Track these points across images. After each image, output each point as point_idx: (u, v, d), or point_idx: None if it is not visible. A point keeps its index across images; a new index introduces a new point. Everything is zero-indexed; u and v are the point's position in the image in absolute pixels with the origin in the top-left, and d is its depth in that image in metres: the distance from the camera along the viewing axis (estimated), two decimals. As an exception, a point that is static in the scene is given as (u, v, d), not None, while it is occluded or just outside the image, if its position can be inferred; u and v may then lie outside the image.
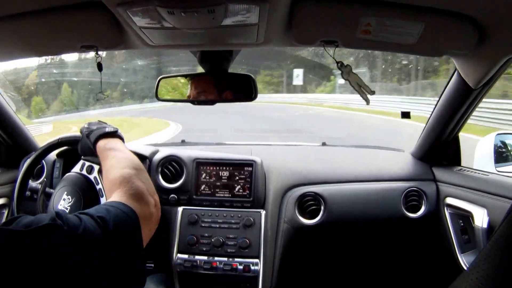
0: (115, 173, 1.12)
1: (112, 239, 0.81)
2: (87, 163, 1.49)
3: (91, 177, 1.47)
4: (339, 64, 1.36)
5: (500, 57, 1.37)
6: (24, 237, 0.69)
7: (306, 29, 1.26)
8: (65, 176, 1.54)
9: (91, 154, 1.40)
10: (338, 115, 16.39)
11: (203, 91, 1.60)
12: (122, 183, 1.06)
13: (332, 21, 1.22)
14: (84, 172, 1.49)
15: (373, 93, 1.38)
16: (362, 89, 1.37)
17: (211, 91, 1.60)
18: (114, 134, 1.38)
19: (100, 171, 1.45)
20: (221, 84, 1.60)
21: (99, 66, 1.46)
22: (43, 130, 11.48)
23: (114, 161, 1.21)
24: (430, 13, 1.16)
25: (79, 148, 1.47)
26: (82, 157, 1.49)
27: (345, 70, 1.36)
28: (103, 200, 1.45)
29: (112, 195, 1.02)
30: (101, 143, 1.33)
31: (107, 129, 1.38)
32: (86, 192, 1.45)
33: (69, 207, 1.44)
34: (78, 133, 1.53)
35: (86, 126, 1.45)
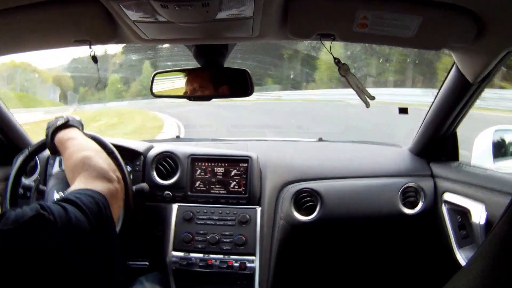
0: (74, 159, 1.11)
1: (95, 228, 0.80)
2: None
3: None
4: (336, 60, 1.35)
5: (499, 50, 1.36)
6: (14, 236, 0.68)
7: (302, 22, 1.25)
8: (56, 173, 1.52)
9: (56, 151, 1.38)
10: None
11: (198, 86, 1.58)
12: (84, 166, 1.05)
13: (328, 14, 1.21)
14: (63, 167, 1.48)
15: (373, 98, 1.37)
16: (362, 91, 1.36)
17: (206, 86, 1.58)
18: (67, 125, 1.36)
19: None
20: (217, 79, 1.57)
21: (94, 59, 1.44)
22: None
23: (72, 148, 1.20)
24: (428, 6, 1.14)
25: (48, 149, 1.45)
26: (51, 154, 1.49)
27: (343, 67, 1.35)
28: None
29: (75, 181, 1.00)
30: (58, 137, 1.32)
31: (59, 122, 1.36)
32: None
33: None
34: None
35: (46, 126, 1.43)
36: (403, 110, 1.95)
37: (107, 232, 0.86)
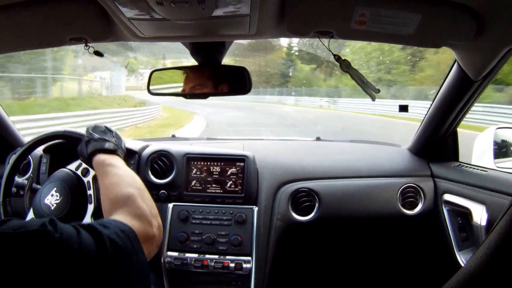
0: (117, 192, 1.08)
1: (110, 259, 0.76)
2: (84, 165, 1.47)
3: (85, 180, 1.46)
4: (336, 57, 1.35)
5: (500, 48, 1.35)
6: (10, 240, 0.66)
7: (299, 19, 1.25)
8: (57, 171, 1.51)
9: (85, 161, 1.37)
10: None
11: (196, 84, 1.56)
12: (127, 203, 1.03)
13: (325, 11, 1.21)
14: (79, 172, 1.47)
15: (378, 91, 1.37)
16: (367, 85, 1.35)
17: (205, 84, 1.56)
18: (113, 152, 1.33)
19: (95, 178, 1.44)
20: (214, 77, 1.56)
21: (97, 53, 1.43)
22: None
23: (115, 179, 1.16)
24: (427, 3, 1.14)
25: (78, 149, 1.43)
26: (80, 158, 1.45)
27: (344, 63, 1.34)
28: (90, 207, 1.43)
29: (114, 215, 0.98)
30: (99, 158, 1.28)
31: (107, 145, 1.32)
32: (76, 194, 1.43)
33: (55, 204, 1.41)
34: (60, 129, 1.53)
35: (90, 130, 1.39)
36: (403, 108, 1.95)
37: (129, 268, 0.82)
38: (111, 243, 0.77)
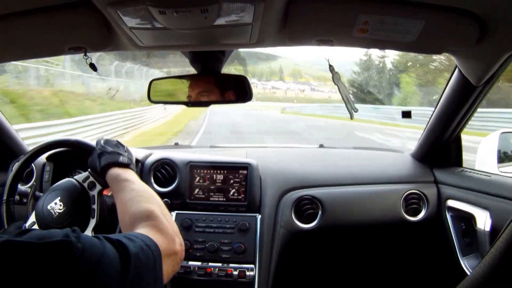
0: (137, 208, 1.07)
1: (131, 275, 0.76)
2: (92, 178, 1.45)
3: (91, 194, 1.44)
4: (330, 68, 1.36)
5: (502, 53, 1.35)
6: (35, 250, 0.65)
7: (301, 28, 1.24)
8: (65, 181, 1.50)
9: (97, 173, 1.37)
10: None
11: (197, 93, 1.57)
12: (149, 218, 1.01)
13: (328, 20, 1.20)
14: (85, 185, 1.46)
15: (356, 110, 1.41)
16: (349, 102, 1.37)
17: (205, 92, 1.57)
18: (127, 166, 1.33)
19: (100, 193, 1.43)
20: (215, 86, 1.56)
21: (93, 66, 1.43)
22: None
23: (133, 194, 1.15)
24: (431, 10, 1.13)
25: (88, 161, 1.43)
26: (89, 170, 1.45)
27: (335, 75, 1.36)
28: (92, 222, 1.41)
29: (137, 229, 0.97)
30: (114, 172, 1.28)
31: (121, 159, 1.32)
32: (79, 206, 1.42)
33: (58, 213, 1.40)
34: (69, 138, 1.55)
35: (102, 143, 1.39)
36: (406, 114, 1.95)
37: (147, 283, 0.81)
38: (135, 258, 0.77)
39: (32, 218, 1.44)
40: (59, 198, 1.42)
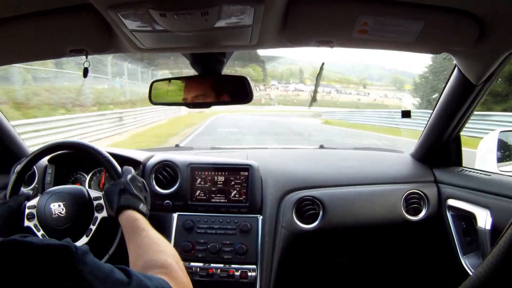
0: (153, 255, 1.05)
1: None
2: (102, 202, 1.46)
3: (95, 214, 1.45)
4: (322, 64, 1.42)
5: (501, 53, 1.36)
6: (34, 252, 0.65)
7: (301, 29, 1.25)
8: (76, 187, 1.51)
9: (111, 206, 1.37)
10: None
11: (198, 94, 1.57)
12: (164, 266, 1.00)
13: (328, 21, 1.21)
14: (94, 203, 1.47)
15: (315, 100, 1.47)
16: (315, 95, 1.43)
17: (206, 93, 1.57)
18: (143, 213, 1.32)
19: (103, 220, 1.45)
20: (216, 87, 1.57)
21: (85, 72, 1.42)
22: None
23: (149, 241, 1.14)
24: (430, 10, 1.14)
25: (106, 188, 1.44)
26: (104, 194, 1.46)
27: (321, 72, 1.39)
28: (84, 240, 1.43)
29: (150, 273, 0.94)
30: (131, 215, 1.27)
31: (141, 207, 1.32)
32: (80, 219, 1.43)
33: (57, 215, 1.41)
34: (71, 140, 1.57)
35: (128, 179, 1.40)
36: (406, 114, 1.96)
37: None
38: None
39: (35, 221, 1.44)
40: (63, 203, 1.43)
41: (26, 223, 1.42)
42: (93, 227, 1.43)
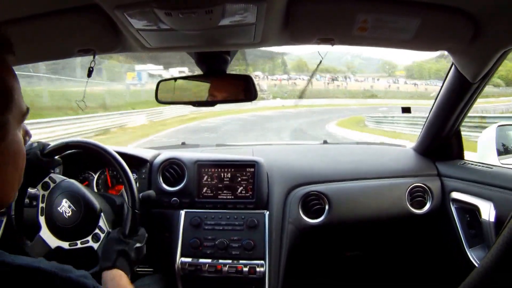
0: None
1: None
2: (101, 235, 1.48)
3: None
4: (321, 61, 1.44)
5: (496, 50, 1.38)
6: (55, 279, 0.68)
7: (303, 27, 1.27)
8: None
9: (103, 257, 1.37)
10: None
11: (203, 92, 1.60)
12: None
13: (329, 19, 1.23)
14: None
15: (302, 94, 1.48)
16: (307, 86, 1.45)
17: (211, 92, 1.60)
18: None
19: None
20: (221, 85, 1.59)
21: (90, 72, 1.45)
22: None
23: None
24: (427, 8, 1.16)
25: (109, 237, 1.45)
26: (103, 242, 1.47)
27: (318, 68, 1.40)
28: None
29: None
30: (111, 274, 1.28)
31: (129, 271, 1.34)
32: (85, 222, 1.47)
33: (67, 213, 1.44)
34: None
35: (137, 244, 1.43)
36: (406, 110, 1.97)
37: None
38: None
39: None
40: (62, 199, 1.47)
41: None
42: (92, 244, 1.46)
